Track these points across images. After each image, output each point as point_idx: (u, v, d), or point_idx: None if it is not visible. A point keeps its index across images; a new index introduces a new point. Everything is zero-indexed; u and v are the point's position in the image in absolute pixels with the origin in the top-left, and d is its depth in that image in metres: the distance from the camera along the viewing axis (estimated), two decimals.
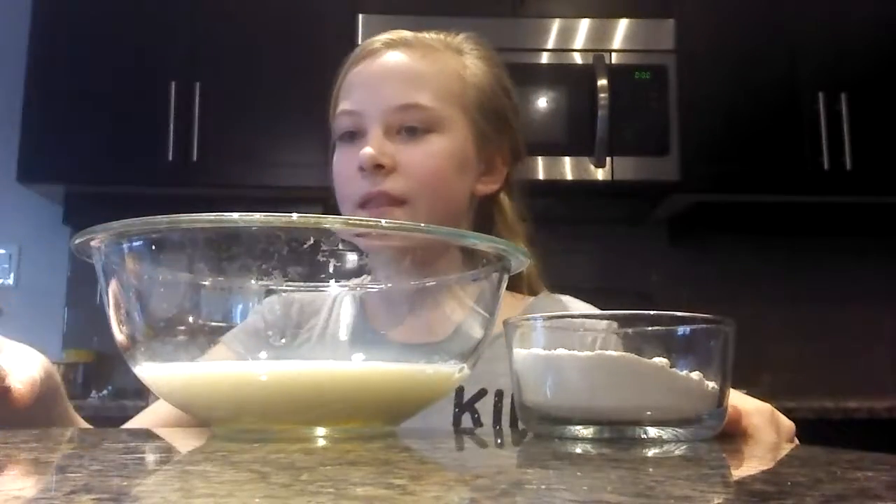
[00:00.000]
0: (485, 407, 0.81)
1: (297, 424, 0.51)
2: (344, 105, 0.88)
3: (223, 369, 0.50)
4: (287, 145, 2.35)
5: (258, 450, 0.41)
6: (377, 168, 0.83)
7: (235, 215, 0.47)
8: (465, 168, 0.88)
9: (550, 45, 2.34)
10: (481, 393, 0.81)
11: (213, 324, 0.52)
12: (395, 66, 0.88)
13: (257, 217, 0.47)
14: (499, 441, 0.59)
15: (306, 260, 0.54)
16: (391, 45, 0.89)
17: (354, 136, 0.87)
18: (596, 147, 2.24)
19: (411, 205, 0.83)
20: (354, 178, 0.85)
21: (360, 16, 2.29)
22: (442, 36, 0.92)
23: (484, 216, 0.93)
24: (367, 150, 0.82)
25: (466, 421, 0.81)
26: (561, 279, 1.00)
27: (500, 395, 0.81)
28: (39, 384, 0.62)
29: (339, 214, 0.86)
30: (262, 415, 0.51)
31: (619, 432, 0.50)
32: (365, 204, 0.84)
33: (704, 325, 0.53)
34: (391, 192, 0.83)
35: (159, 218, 0.49)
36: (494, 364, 0.77)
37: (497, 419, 0.81)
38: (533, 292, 0.96)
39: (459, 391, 0.81)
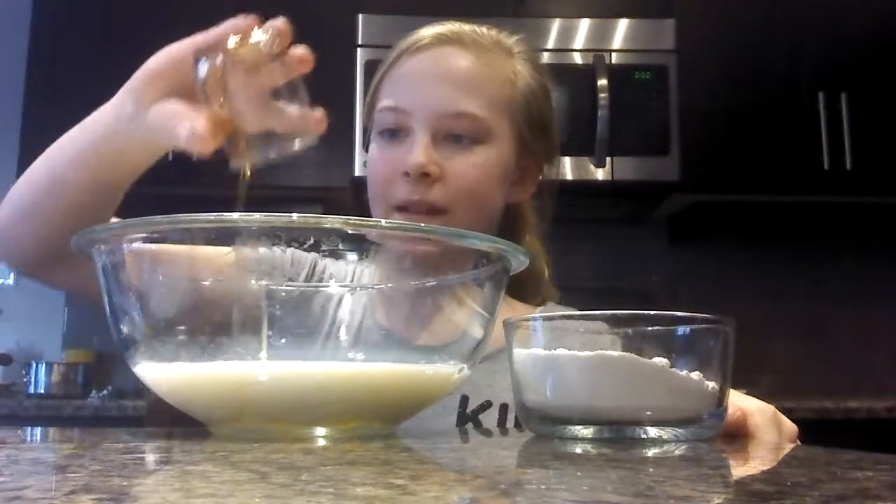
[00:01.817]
0: (488, 420, 0.80)
1: (297, 424, 0.51)
2: (390, 100, 0.85)
3: (223, 369, 0.50)
4: None
5: (258, 450, 0.41)
6: (423, 176, 0.81)
7: (235, 215, 0.47)
8: (505, 179, 0.87)
9: (550, 45, 2.34)
10: (485, 405, 0.80)
11: (213, 324, 0.52)
12: (448, 67, 0.84)
13: (257, 217, 0.47)
14: (499, 441, 0.59)
15: None
16: (443, 40, 0.85)
17: (396, 133, 0.84)
18: (596, 147, 2.24)
19: (451, 215, 0.82)
20: (395, 181, 0.82)
21: (360, 16, 2.29)
22: (494, 32, 0.89)
23: (507, 221, 0.92)
24: (418, 159, 0.80)
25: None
26: (561, 279, 1.00)
27: (504, 409, 0.80)
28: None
29: (343, 213, 0.85)
30: (262, 415, 0.51)
31: (619, 432, 0.50)
32: (402, 209, 0.82)
33: (704, 325, 0.53)
34: (434, 202, 0.81)
35: (159, 218, 0.49)
36: (500, 377, 0.77)
37: (501, 434, 0.81)
38: (542, 301, 0.96)
39: (464, 401, 0.80)
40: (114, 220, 0.73)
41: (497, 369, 0.78)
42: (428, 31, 0.86)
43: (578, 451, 0.46)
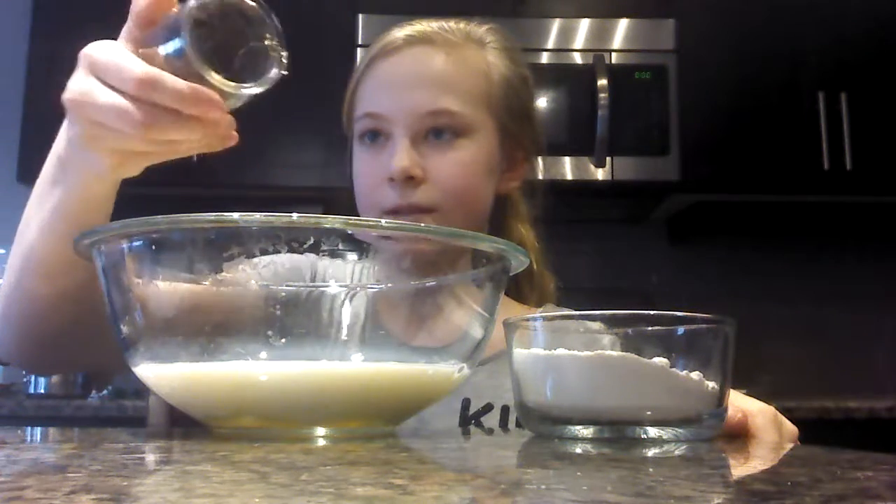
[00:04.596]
0: (489, 423, 0.80)
1: (297, 424, 0.51)
2: (366, 107, 0.85)
3: (223, 369, 0.50)
4: (287, 145, 2.35)
5: (258, 450, 0.41)
6: (408, 180, 0.81)
7: (235, 215, 0.47)
8: (491, 171, 0.87)
9: (550, 45, 2.34)
10: (487, 408, 0.80)
11: (213, 324, 0.52)
12: (421, 67, 0.84)
13: (257, 217, 0.47)
14: (499, 441, 0.59)
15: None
16: (412, 41, 0.85)
17: (377, 137, 0.85)
18: (596, 147, 2.24)
19: (441, 213, 0.82)
20: (381, 187, 0.82)
21: (360, 16, 2.29)
22: (462, 25, 0.89)
23: (496, 211, 0.91)
24: (400, 164, 0.80)
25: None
26: (561, 279, 1.00)
27: (505, 411, 0.80)
28: None
29: (343, 213, 0.85)
30: (262, 415, 0.51)
31: (619, 432, 0.50)
32: (392, 213, 0.82)
33: (704, 325, 0.53)
34: (422, 203, 0.81)
35: (159, 218, 0.49)
36: (501, 379, 0.77)
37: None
38: (541, 303, 0.96)
39: (466, 404, 0.80)
40: None
41: (498, 371, 0.78)
42: (398, 34, 0.86)
43: (578, 451, 0.46)
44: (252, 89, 0.53)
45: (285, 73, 0.54)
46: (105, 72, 0.53)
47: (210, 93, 0.52)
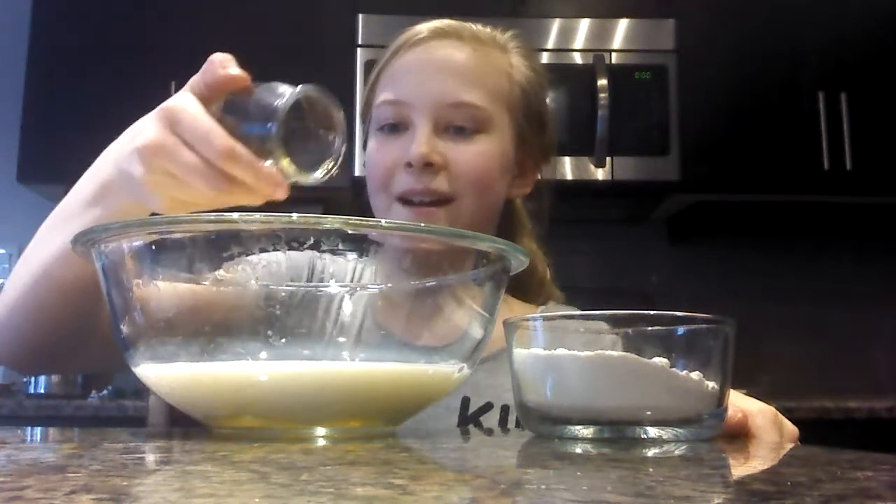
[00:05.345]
0: (489, 422, 0.80)
1: (297, 424, 0.51)
2: (388, 94, 0.85)
3: (223, 369, 0.50)
4: None
5: (258, 450, 0.41)
6: (426, 166, 0.80)
7: (235, 215, 0.47)
8: (506, 171, 0.87)
9: (550, 44, 2.34)
10: (487, 407, 0.80)
11: (213, 324, 0.52)
12: (447, 59, 0.84)
13: (257, 217, 0.47)
14: (499, 441, 0.59)
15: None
16: (439, 34, 0.86)
17: (396, 127, 0.84)
18: (596, 147, 2.23)
19: (455, 205, 0.82)
20: (396, 173, 0.82)
21: (360, 16, 2.29)
22: (489, 29, 0.89)
23: (502, 223, 0.91)
24: (420, 149, 0.80)
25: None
26: (561, 279, 1.00)
27: (505, 410, 0.80)
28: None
29: (343, 213, 0.85)
30: (262, 415, 0.51)
31: (619, 432, 0.50)
32: (406, 200, 0.81)
33: (704, 325, 0.53)
34: (439, 189, 0.81)
35: (159, 218, 0.49)
36: (501, 378, 0.77)
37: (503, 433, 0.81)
38: (544, 301, 0.96)
39: (465, 403, 0.80)
40: None
41: (498, 370, 0.78)
42: (424, 26, 0.87)
43: (578, 451, 0.46)
44: (311, 179, 0.56)
45: (335, 173, 0.57)
46: (188, 132, 0.54)
47: (279, 176, 0.55)
